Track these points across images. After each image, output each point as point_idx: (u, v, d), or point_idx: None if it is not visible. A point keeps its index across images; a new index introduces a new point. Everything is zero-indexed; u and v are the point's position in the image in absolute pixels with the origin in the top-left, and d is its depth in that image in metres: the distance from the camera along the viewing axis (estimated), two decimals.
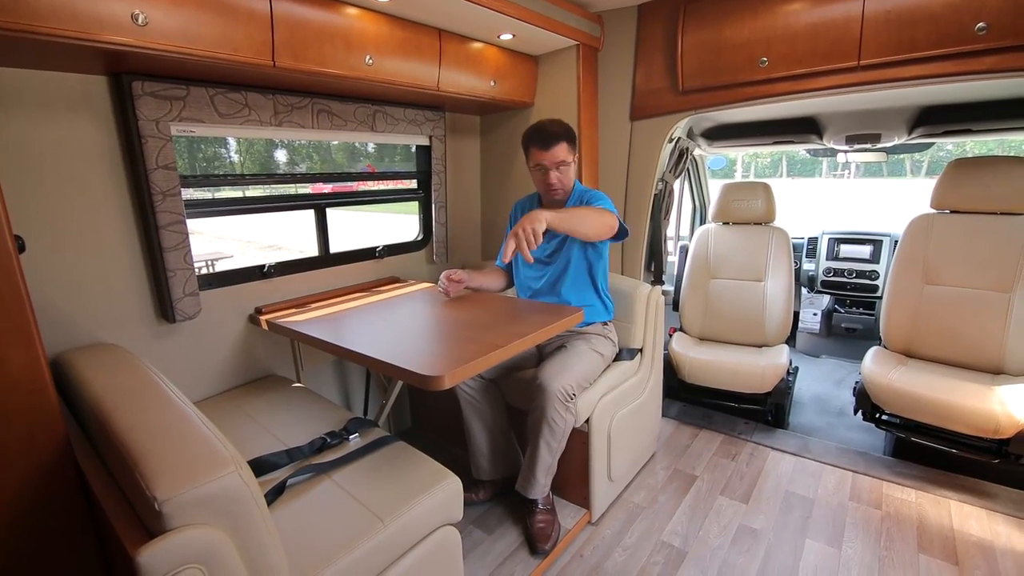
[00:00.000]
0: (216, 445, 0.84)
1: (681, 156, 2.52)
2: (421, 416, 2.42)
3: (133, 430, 0.87)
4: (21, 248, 0.96)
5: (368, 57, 1.56)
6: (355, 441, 1.36)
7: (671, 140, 2.26)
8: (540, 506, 1.70)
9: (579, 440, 1.74)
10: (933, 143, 2.76)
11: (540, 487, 1.67)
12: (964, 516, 1.79)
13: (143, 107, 1.34)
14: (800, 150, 3.27)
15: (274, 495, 1.12)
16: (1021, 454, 1.81)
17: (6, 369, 0.89)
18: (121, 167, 1.40)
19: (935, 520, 1.77)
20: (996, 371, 2.06)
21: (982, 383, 1.94)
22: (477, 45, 1.92)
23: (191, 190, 1.57)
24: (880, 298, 3.00)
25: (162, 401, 0.99)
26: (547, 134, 1.67)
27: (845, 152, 2.89)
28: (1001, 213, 2.12)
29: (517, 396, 1.81)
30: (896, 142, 2.58)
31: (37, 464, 0.95)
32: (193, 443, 0.85)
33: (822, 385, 3.02)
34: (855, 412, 2.24)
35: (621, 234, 1.66)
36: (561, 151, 1.68)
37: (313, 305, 1.81)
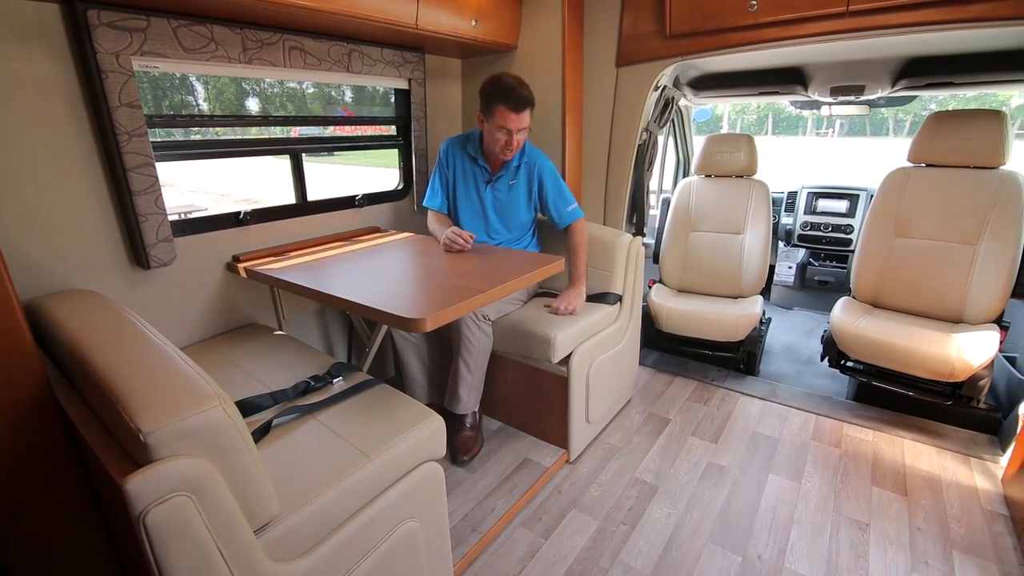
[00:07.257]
0: (199, 381, 0.85)
1: (667, 106, 2.48)
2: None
3: (114, 368, 0.86)
4: None
5: None
6: (339, 384, 1.37)
7: (657, 88, 2.22)
8: (467, 424, 1.87)
9: (559, 384, 1.79)
10: (916, 96, 2.76)
11: (463, 402, 1.82)
12: (916, 453, 1.92)
13: (101, 39, 1.26)
14: (785, 102, 3.24)
15: (260, 434, 1.14)
16: (972, 396, 1.94)
17: None
18: (82, 105, 1.32)
19: (889, 457, 1.90)
20: (956, 320, 2.16)
21: (941, 331, 2.03)
22: None
23: (159, 132, 1.50)
24: (853, 252, 3.07)
25: (141, 341, 0.99)
26: (520, 98, 1.65)
27: (829, 104, 2.88)
28: (974, 167, 2.16)
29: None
30: (880, 94, 2.58)
31: (16, 401, 0.95)
32: (176, 380, 0.85)
33: (793, 335, 3.13)
34: (822, 359, 2.34)
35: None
36: (527, 118, 1.69)
37: (292, 254, 1.78)
